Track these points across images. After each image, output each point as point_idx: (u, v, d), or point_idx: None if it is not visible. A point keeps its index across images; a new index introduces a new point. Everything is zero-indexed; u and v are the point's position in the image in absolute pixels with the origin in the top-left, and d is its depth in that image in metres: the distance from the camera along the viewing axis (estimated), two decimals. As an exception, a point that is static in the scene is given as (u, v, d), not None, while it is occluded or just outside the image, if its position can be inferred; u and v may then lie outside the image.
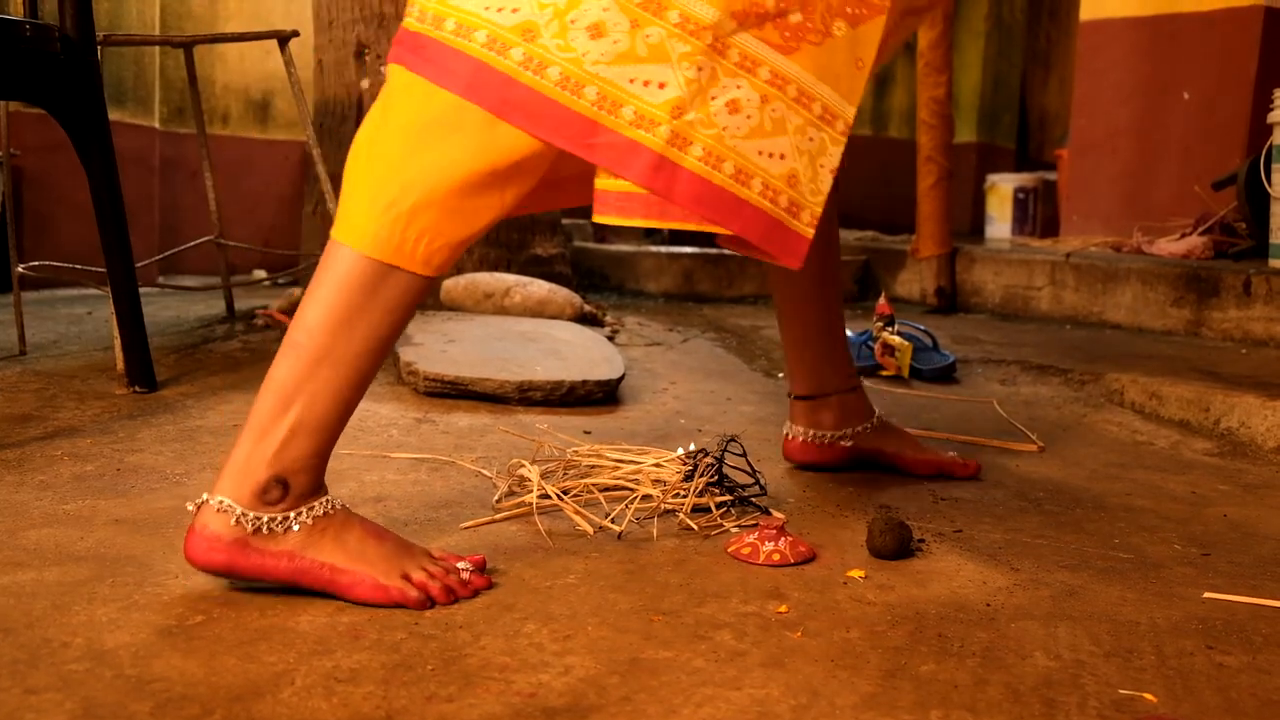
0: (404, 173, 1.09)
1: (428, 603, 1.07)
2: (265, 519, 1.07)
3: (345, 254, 1.10)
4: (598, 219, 1.13)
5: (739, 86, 1.12)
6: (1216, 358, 2.62)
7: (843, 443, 1.65)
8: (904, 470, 1.69)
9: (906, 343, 2.57)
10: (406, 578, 1.09)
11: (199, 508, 1.08)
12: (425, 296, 1.15)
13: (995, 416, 2.17)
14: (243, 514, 1.06)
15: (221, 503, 1.07)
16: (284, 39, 2.56)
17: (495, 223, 1.14)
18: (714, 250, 4.43)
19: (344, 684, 0.90)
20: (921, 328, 2.78)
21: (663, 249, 4.44)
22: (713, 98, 1.11)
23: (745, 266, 4.28)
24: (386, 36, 2.98)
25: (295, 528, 1.08)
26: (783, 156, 1.15)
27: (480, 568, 1.15)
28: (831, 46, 1.16)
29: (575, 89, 1.07)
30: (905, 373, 2.55)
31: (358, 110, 3.02)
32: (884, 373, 2.60)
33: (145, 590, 1.08)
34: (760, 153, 1.14)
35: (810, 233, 1.18)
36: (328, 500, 1.12)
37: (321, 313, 1.10)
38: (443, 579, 1.10)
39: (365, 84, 3.02)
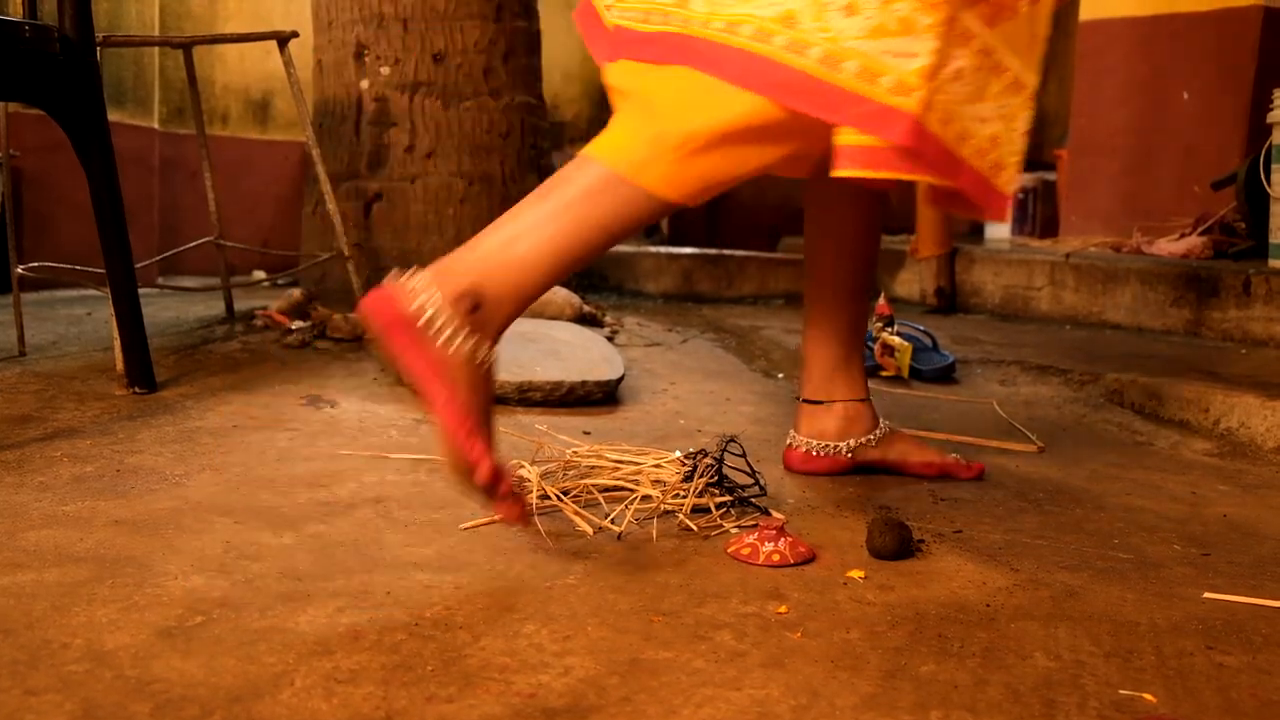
0: (673, 119, 1.25)
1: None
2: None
3: (595, 166, 1.28)
4: (839, 173, 1.24)
5: (961, 57, 1.24)
6: (1216, 358, 2.62)
7: (844, 455, 1.66)
8: (907, 474, 1.69)
9: (906, 343, 2.57)
10: None
11: (397, 281, 1.23)
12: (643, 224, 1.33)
13: (995, 417, 2.17)
14: (435, 313, 1.20)
15: (419, 291, 1.22)
16: (283, 40, 2.56)
17: (746, 176, 1.30)
18: (713, 251, 4.43)
19: (344, 685, 0.90)
20: (921, 328, 2.78)
21: (662, 249, 4.44)
22: (945, 66, 1.23)
23: (745, 266, 4.28)
24: (386, 37, 2.98)
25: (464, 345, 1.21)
26: (985, 120, 1.28)
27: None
28: (1018, 22, 1.29)
29: (833, 64, 1.20)
30: (905, 373, 2.55)
31: (357, 110, 3.03)
32: (884, 373, 2.60)
33: (145, 591, 1.08)
34: (974, 118, 1.27)
35: (1009, 190, 1.31)
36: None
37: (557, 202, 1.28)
38: None
39: (365, 84, 3.02)
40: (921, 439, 1.78)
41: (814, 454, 1.66)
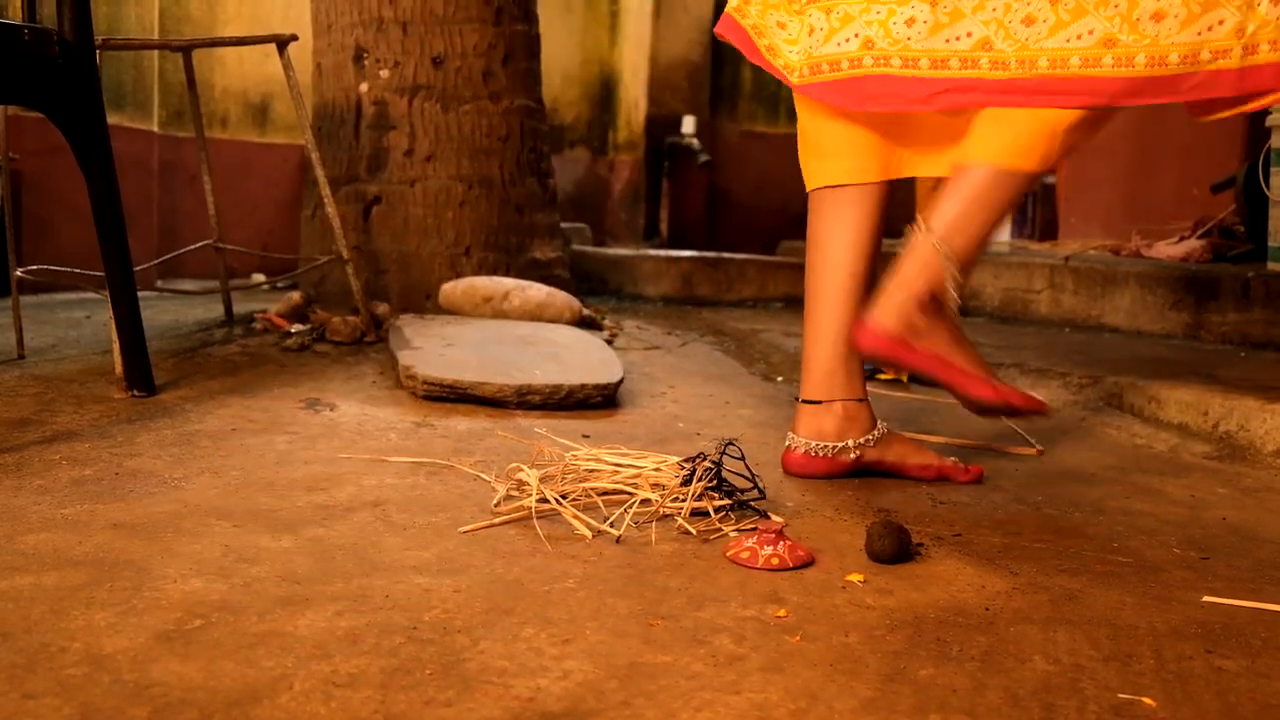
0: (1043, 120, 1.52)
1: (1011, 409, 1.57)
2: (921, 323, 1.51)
3: (983, 167, 1.54)
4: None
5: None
6: (1215, 361, 2.62)
7: (842, 456, 1.67)
8: (905, 477, 1.69)
9: (905, 346, 2.57)
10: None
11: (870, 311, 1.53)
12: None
13: (994, 420, 2.17)
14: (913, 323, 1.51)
15: (889, 312, 1.52)
16: (282, 43, 2.56)
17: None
18: (712, 254, 4.43)
19: (342, 689, 0.89)
20: (920, 331, 2.77)
21: (661, 253, 4.45)
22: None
23: (744, 270, 4.28)
24: (385, 40, 2.98)
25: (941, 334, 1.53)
26: (1221, 23, 1.44)
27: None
28: None
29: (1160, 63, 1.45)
30: (904, 376, 2.55)
31: (356, 114, 3.03)
32: (882, 376, 2.60)
33: (143, 595, 1.08)
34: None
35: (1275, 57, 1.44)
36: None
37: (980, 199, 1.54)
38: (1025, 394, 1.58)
39: (364, 87, 3.02)
40: (920, 442, 1.78)
41: (813, 455, 1.67)
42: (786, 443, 1.69)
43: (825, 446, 1.66)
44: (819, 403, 1.68)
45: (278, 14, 4.52)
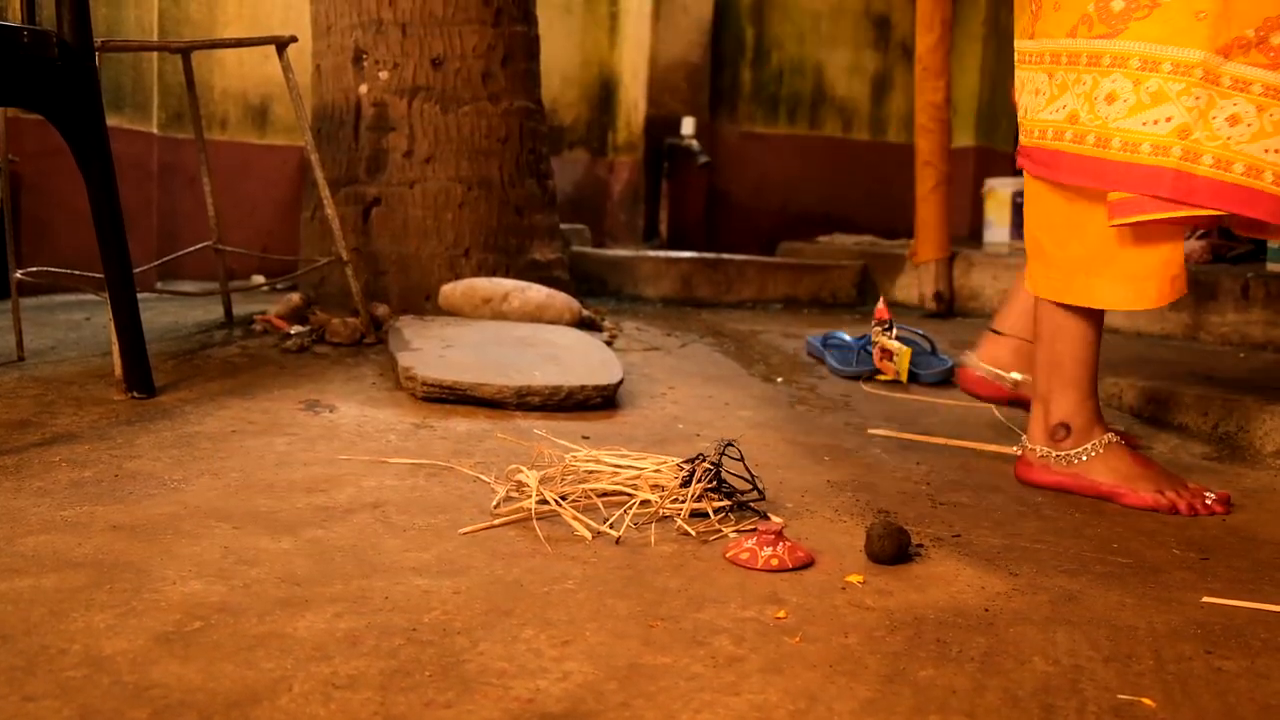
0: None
1: (1174, 510, 1.55)
2: (1054, 453, 1.65)
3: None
4: (1118, 221, 1.48)
5: (1235, 104, 1.40)
6: (1214, 362, 2.62)
7: (1008, 385, 1.93)
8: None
9: (905, 347, 2.57)
10: (1160, 493, 1.57)
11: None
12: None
13: (994, 421, 2.17)
14: (1043, 451, 1.66)
15: (1028, 445, 1.68)
16: (282, 44, 2.56)
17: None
18: (712, 255, 4.43)
19: (342, 690, 0.89)
20: (920, 332, 2.78)
21: (661, 254, 4.44)
22: (1213, 117, 1.40)
23: (744, 271, 4.28)
24: (384, 42, 2.98)
25: (1083, 458, 1.63)
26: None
27: (1225, 501, 1.58)
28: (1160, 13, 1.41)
29: (1103, 143, 1.47)
30: (904, 377, 2.55)
31: (356, 115, 3.03)
32: (882, 377, 2.60)
33: (143, 596, 1.08)
34: (1267, 150, 1.39)
35: (1213, 173, 1.41)
36: (1102, 439, 1.63)
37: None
38: (1189, 499, 1.56)
39: (363, 89, 3.02)
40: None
41: (986, 379, 1.91)
42: (961, 360, 1.97)
43: (998, 374, 1.89)
44: (1003, 335, 1.93)
45: (277, 16, 4.51)
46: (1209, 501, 1.57)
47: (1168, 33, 1.41)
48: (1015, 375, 1.93)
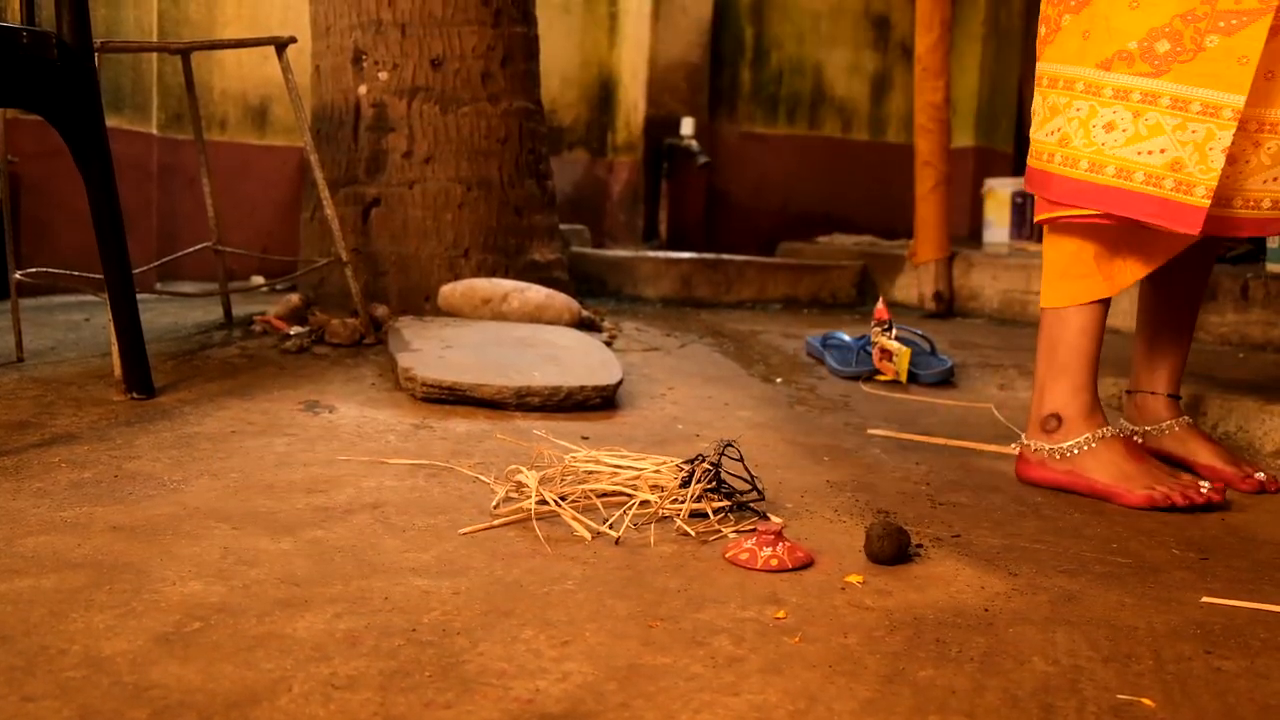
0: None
1: (1171, 504, 1.55)
2: (1048, 447, 1.66)
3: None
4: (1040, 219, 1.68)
5: (1114, 111, 1.53)
6: (1214, 362, 2.62)
7: (1134, 438, 1.83)
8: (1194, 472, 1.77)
9: (904, 347, 2.57)
10: (1152, 489, 1.57)
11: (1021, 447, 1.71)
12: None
13: (993, 421, 2.18)
14: (1037, 445, 1.68)
15: (1025, 441, 1.70)
16: (281, 45, 2.56)
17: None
18: (711, 256, 4.43)
19: (341, 691, 0.89)
20: (919, 332, 2.78)
21: (660, 254, 4.45)
22: (1092, 126, 1.56)
23: (744, 271, 4.28)
24: (384, 42, 2.98)
25: (1074, 451, 1.64)
26: (1163, 151, 1.50)
27: (1221, 490, 1.58)
28: (1205, 58, 1.46)
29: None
30: (903, 378, 2.55)
31: (355, 116, 3.03)
32: (882, 377, 2.60)
33: (143, 597, 1.08)
34: (1139, 153, 1.51)
35: (1204, 203, 1.48)
36: (1096, 433, 1.64)
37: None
38: (1182, 490, 1.57)
39: (363, 90, 3.02)
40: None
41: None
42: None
43: (1123, 429, 1.84)
44: (1128, 392, 1.91)
45: (276, 16, 4.52)
46: (1205, 490, 1.57)
47: (1064, 54, 1.59)
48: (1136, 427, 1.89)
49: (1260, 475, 1.71)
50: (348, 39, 3.03)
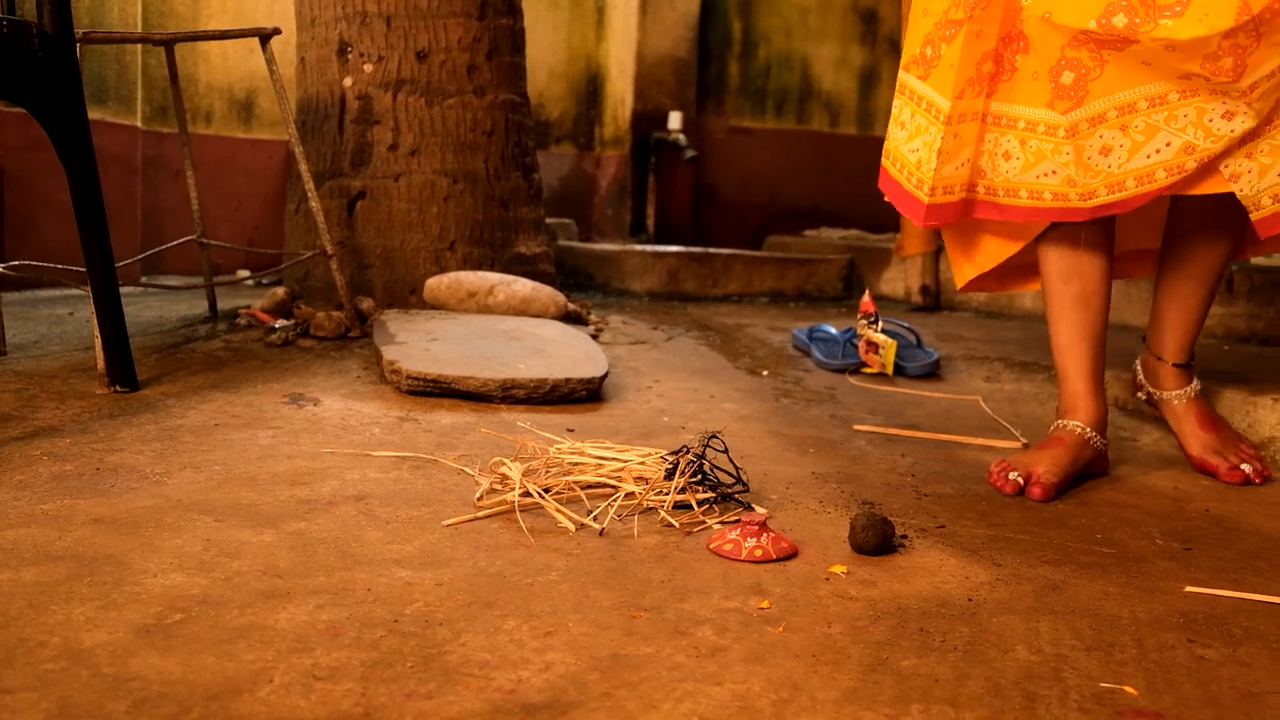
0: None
1: (1011, 491, 1.60)
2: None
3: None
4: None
5: (899, 109, 1.70)
6: (1200, 354, 2.62)
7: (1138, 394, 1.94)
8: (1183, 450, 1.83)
9: (890, 340, 2.57)
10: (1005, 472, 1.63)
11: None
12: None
13: (979, 413, 2.18)
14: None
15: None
16: (265, 36, 2.55)
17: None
18: (698, 249, 4.43)
19: (323, 681, 0.89)
20: (906, 325, 2.78)
21: (648, 248, 4.44)
22: (890, 124, 1.73)
23: (730, 265, 4.28)
24: (369, 34, 2.97)
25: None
26: (915, 151, 1.67)
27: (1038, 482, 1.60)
28: (938, 65, 1.61)
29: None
30: (889, 370, 2.55)
31: (340, 108, 3.01)
32: (868, 370, 2.61)
33: (123, 589, 1.07)
34: (911, 150, 1.68)
35: (925, 198, 1.65)
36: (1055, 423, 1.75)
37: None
38: (1015, 483, 1.61)
39: (348, 82, 3.00)
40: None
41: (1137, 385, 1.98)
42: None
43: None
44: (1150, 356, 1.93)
45: (261, 8, 4.49)
46: (1010, 477, 1.62)
47: (936, 84, 1.65)
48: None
49: (1246, 468, 1.71)
50: (333, 31, 3.01)
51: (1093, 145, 1.56)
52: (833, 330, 2.84)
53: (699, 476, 1.46)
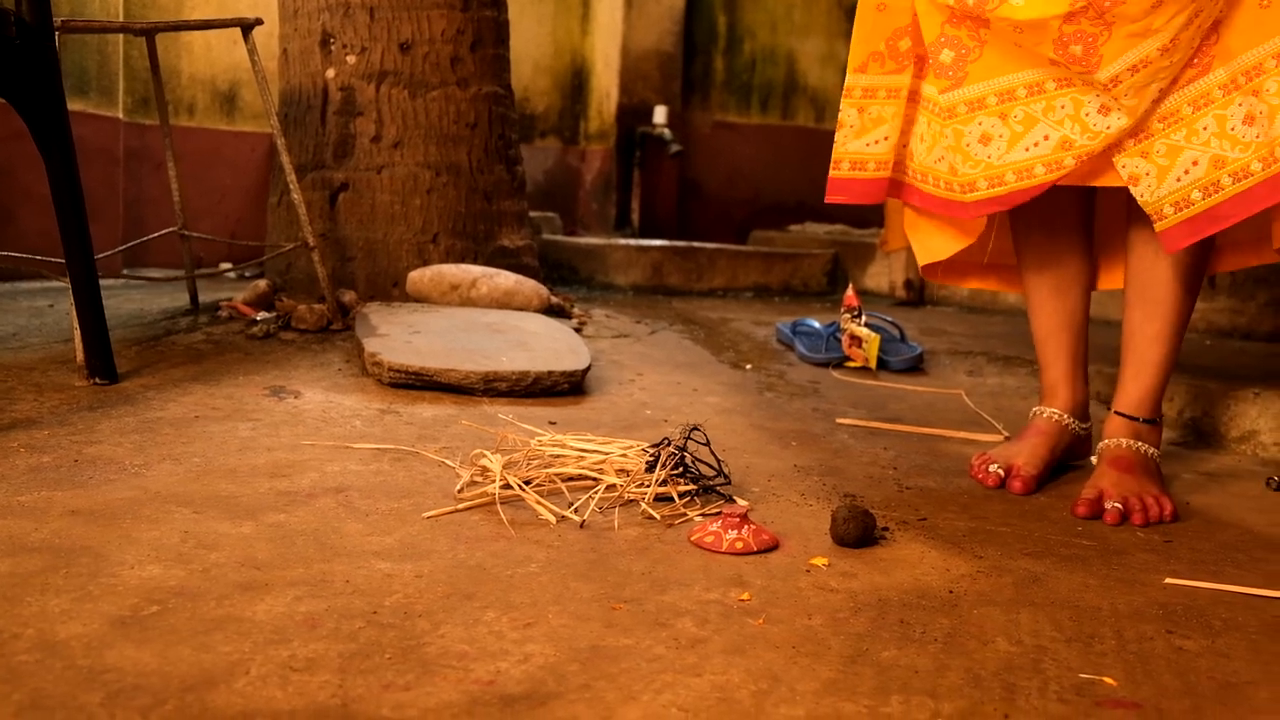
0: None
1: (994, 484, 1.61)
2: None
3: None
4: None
5: (843, 110, 1.67)
6: (1181, 349, 2.63)
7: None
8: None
9: (874, 334, 2.57)
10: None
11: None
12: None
13: (962, 407, 2.18)
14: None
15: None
16: (247, 27, 2.53)
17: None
18: (683, 244, 4.43)
19: (300, 673, 0.88)
20: (889, 319, 2.78)
21: (632, 242, 4.43)
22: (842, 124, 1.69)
23: (715, 259, 4.28)
24: (352, 25, 2.95)
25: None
26: (887, 138, 1.66)
27: (1021, 474, 1.59)
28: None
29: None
30: (873, 364, 2.55)
31: (323, 100, 3.00)
32: (851, 364, 2.61)
33: (100, 581, 1.06)
34: (868, 144, 1.67)
35: (836, 173, 1.67)
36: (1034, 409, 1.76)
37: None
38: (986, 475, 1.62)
39: (331, 73, 2.99)
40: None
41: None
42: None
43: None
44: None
45: None
46: (990, 470, 1.63)
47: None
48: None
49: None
50: (316, 22, 3.00)
51: (972, 132, 1.54)
52: (817, 324, 2.84)
53: (680, 469, 1.45)
